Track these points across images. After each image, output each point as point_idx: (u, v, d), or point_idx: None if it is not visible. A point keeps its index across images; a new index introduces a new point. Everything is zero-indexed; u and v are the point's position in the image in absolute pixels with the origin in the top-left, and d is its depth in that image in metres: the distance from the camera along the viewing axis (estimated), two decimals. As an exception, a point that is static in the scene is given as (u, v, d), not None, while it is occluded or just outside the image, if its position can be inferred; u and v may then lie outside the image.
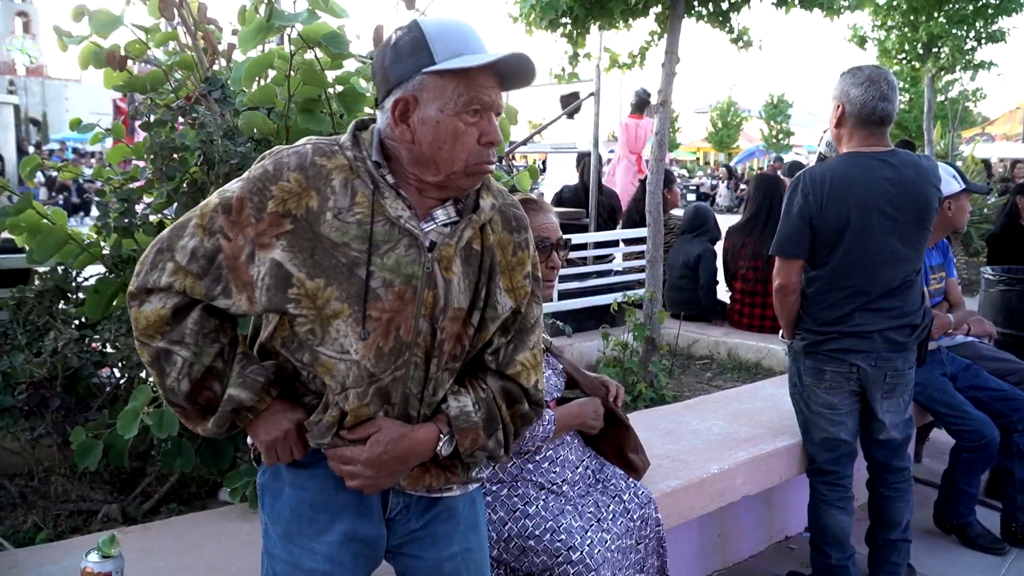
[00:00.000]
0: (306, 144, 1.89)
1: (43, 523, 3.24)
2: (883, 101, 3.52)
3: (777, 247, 3.70)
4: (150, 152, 3.15)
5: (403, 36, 1.84)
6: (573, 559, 2.62)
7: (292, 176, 1.82)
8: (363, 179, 1.85)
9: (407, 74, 1.83)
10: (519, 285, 2.05)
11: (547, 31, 6.07)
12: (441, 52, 1.80)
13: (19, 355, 3.29)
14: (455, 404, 1.99)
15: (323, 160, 1.85)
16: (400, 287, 1.86)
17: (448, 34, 1.82)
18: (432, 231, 1.92)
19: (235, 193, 1.83)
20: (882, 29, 12.61)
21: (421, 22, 1.84)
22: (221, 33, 3.60)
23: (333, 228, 1.83)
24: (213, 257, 1.84)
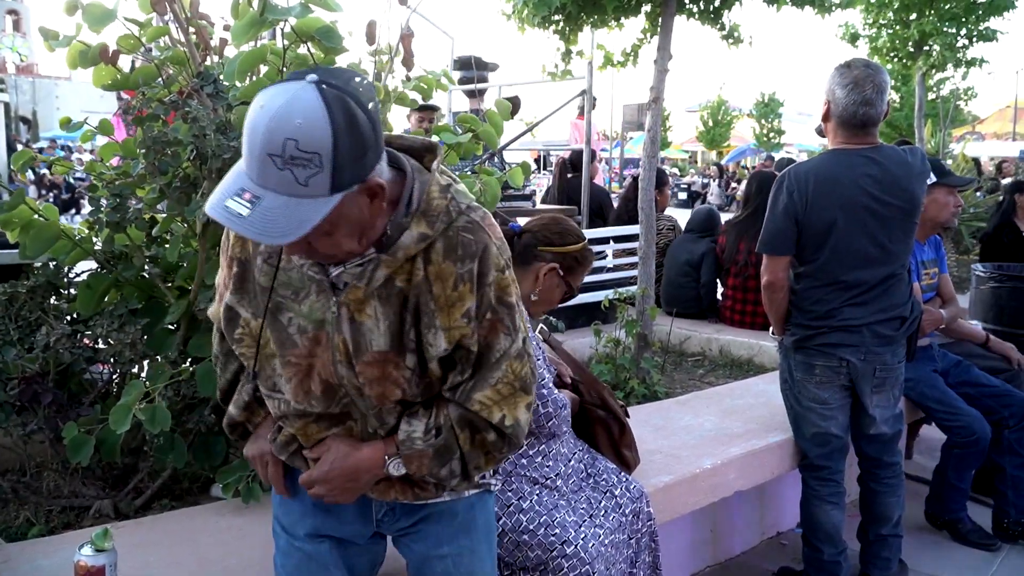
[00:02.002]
0: None
1: (35, 519, 3.23)
2: (865, 106, 3.51)
3: (763, 244, 3.72)
4: (142, 147, 3.14)
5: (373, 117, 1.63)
6: (567, 553, 2.62)
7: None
8: None
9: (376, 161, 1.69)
10: (455, 325, 1.87)
11: (540, 28, 6.07)
12: None
13: (11, 350, 3.28)
14: (405, 428, 1.94)
15: None
16: (313, 332, 1.87)
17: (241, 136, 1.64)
18: (343, 273, 1.83)
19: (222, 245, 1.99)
20: (873, 27, 12.64)
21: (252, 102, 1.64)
22: (213, 28, 3.59)
23: (262, 272, 1.88)
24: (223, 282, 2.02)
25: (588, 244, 3.08)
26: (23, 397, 3.20)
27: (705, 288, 7.17)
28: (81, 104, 34.10)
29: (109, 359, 3.40)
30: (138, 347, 3.25)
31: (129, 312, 3.34)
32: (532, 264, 2.93)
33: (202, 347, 3.21)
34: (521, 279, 2.91)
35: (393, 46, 3.84)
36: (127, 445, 3.30)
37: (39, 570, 2.59)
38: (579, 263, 3.01)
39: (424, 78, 3.86)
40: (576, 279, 3.03)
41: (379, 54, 3.86)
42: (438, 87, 3.93)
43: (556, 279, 2.96)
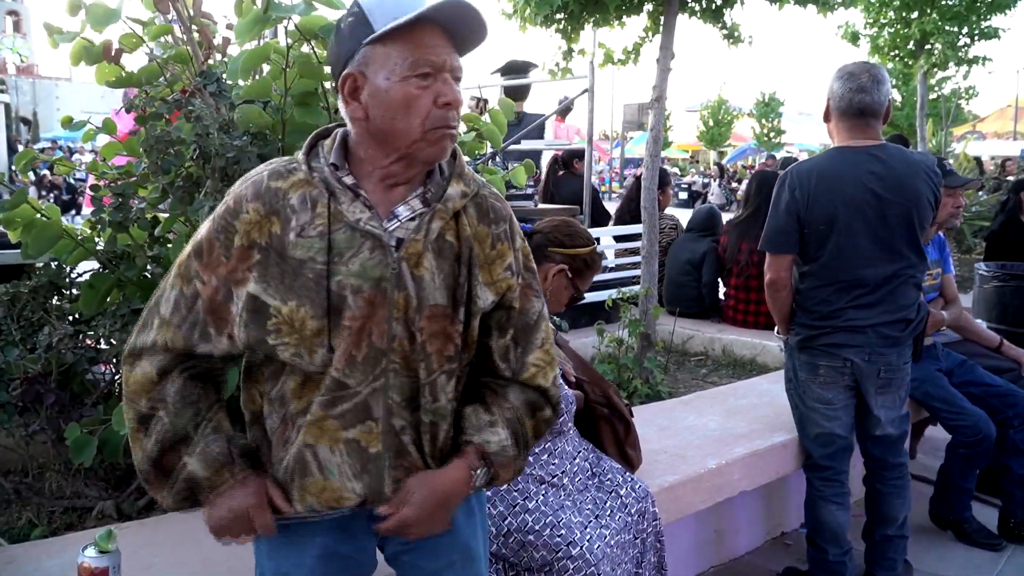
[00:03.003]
0: (263, 170, 1.84)
1: (38, 520, 3.22)
2: (860, 92, 3.53)
3: (765, 242, 3.71)
4: (145, 146, 3.14)
5: (345, 17, 1.79)
6: (573, 554, 2.61)
7: (251, 207, 1.78)
8: (319, 188, 1.79)
9: (351, 50, 1.76)
10: (499, 278, 1.95)
11: (541, 27, 6.06)
12: (379, 19, 1.71)
13: (13, 350, 3.28)
14: (494, 440, 1.95)
15: (278, 182, 1.80)
16: (369, 292, 1.80)
17: (384, 3, 1.73)
18: (397, 228, 1.83)
19: (203, 235, 1.82)
20: (875, 26, 12.63)
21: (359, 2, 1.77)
22: (216, 27, 3.58)
23: (298, 247, 1.78)
24: (192, 304, 1.82)
25: None
26: (25, 398, 3.19)
27: (707, 288, 7.17)
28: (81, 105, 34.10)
29: (112, 359, 3.40)
30: (141, 347, 3.23)
31: (132, 312, 3.33)
32: (542, 265, 2.93)
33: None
34: None
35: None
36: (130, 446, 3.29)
37: (43, 571, 2.58)
38: (588, 266, 3.02)
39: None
40: (584, 282, 3.04)
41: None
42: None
43: (564, 281, 2.96)
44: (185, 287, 1.83)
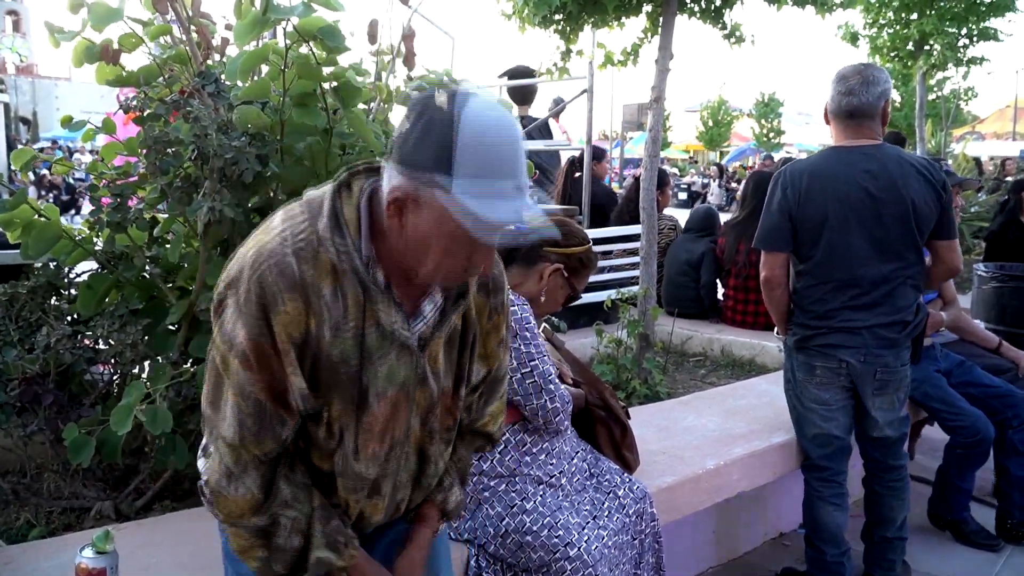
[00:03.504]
0: (284, 245, 1.69)
1: (36, 520, 3.22)
2: (848, 95, 3.58)
3: (759, 240, 3.74)
4: (144, 146, 3.14)
5: (437, 115, 1.57)
6: (570, 555, 2.61)
7: (289, 304, 1.66)
8: (351, 281, 1.70)
9: (419, 167, 1.59)
10: (491, 352, 2.01)
11: (540, 28, 6.06)
12: (462, 168, 1.54)
13: (11, 351, 3.27)
14: (452, 499, 2.12)
15: (310, 270, 1.68)
16: (393, 394, 1.82)
17: (480, 148, 1.55)
18: (421, 327, 1.83)
19: (244, 342, 1.68)
20: (874, 27, 12.63)
21: (462, 113, 1.56)
22: (215, 27, 3.58)
23: (334, 346, 1.72)
24: (260, 412, 1.73)
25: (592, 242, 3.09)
26: (24, 398, 3.19)
27: (705, 288, 7.16)
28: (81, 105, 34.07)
29: (110, 360, 3.40)
30: (139, 348, 3.24)
31: (130, 313, 3.34)
32: (537, 264, 2.94)
33: (203, 348, 3.19)
34: (525, 279, 2.93)
35: (395, 46, 3.83)
36: (128, 446, 3.29)
37: (40, 572, 2.58)
38: (583, 265, 3.01)
39: (426, 77, 3.85)
40: (580, 281, 3.03)
41: (381, 54, 3.86)
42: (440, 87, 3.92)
43: (560, 280, 2.96)
44: (242, 402, 1.72)
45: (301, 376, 1.72)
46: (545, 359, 2.80)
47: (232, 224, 3.00)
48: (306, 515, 1.83)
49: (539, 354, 2.78)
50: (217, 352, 1.74)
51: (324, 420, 1.80)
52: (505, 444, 2.82)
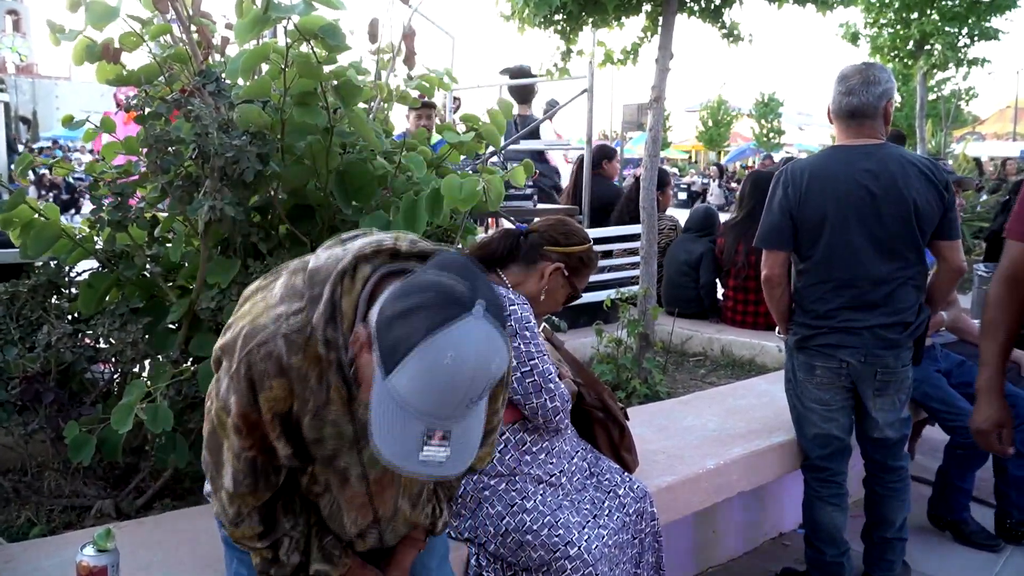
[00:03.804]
0: (278, 331, 1.74)
1: (36, 518, 3.22)
2: (847, 95, 3.59)
3: (760, 239, 3.74)
4: (145, 145, 3.14)
5: (416, 317, 1.52)
6: (571, 554, 2.61)
7: (274, 384, 1.74)
8: (336, 377, 1.76)
9: (379, 337, 1.56)
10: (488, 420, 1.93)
11: (540, 28, 6.06)
12: (396, 382, 1.51)
13: (12, 349, 3.28)
14: (440, 521, 2.24)
15: (297, 359, 1.73)
16: (376, 476, 1.94)
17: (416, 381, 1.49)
18: None
19: (235, 410, 1.78)
20: (874, 26, 12.64)
21: (424, 343, 1.49)
22: (215, 26, 3.58)
23: (312, 428, 1.82)
24: (253, 467, 1.86)
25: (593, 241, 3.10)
26: (24, 396, 3.19)
27: (705, 289, 7.16)
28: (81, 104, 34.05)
29: (110, 358, 3.40)
30: (139, 346, 3.24)
31: (131, 311, 3.34)
32: (538, 264, 2.94)
33: (204, 346, 3.21)
34: (526, 279, 2.93)
35: (395, 44, 3.83)
36: (128, 445, 3.29)
37: (41, 570, 2.58)
38: (584, 264, 3.02)
39: (426, 76, 3.85)
40: (581, 280, 3.04)
41: (381, 52, 3.86)
42: (440, 86, 3.93)
43: (561, 279, 2.97)
44: (238, 462, 1.85)
45: (285, 443, 1.83)
46: (545, 358, 2.81)
47: (233, 223, 3.00)
48: (304, 535, 2.01)
49: (539, 353, 2.78)
50: (215, 406, 1.85)
51: (309, 472, 1.94)
52: (505, 443, 2.82)
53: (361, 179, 3.33)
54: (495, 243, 2.99)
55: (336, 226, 3.35)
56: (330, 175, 3.27)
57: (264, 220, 3.40)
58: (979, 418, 2.61)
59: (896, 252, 3.53)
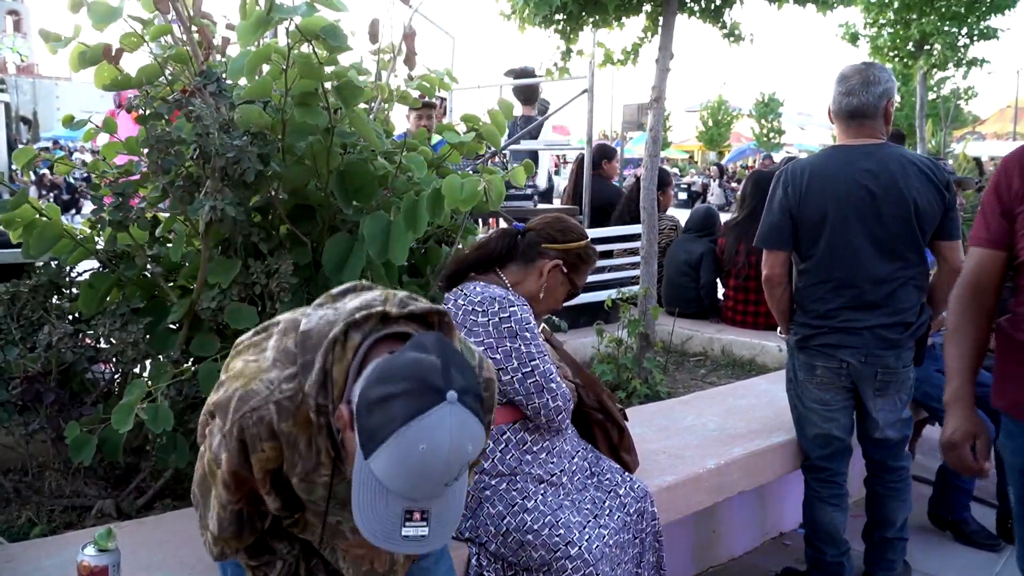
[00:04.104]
0: (269, 398, 1.80)
1: (37, 518, 3.22)
2: (848, 96, 3.60)
3: (760, 239, 3.74)
4: (146, 145, 3.14)
5: (392, 405, 1.57)
6: (571, 554, 2.62)
7: (266, 447, 1.81)
8: (325, 442, 1.83)
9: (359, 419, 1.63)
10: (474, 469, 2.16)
11: (540, 28, 6.06)
12: (375, 465, 1.57)
13: (13, 349, 3.28)
14: None
15: (288, 425, 1.80)
16: None
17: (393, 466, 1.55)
18: None
19: (225, 467, 1.84)
20: (874, 27, 12.64)
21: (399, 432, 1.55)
22: (216, 26, 3.58)
23: (301, 489, 1.89)
24: (239, 517, 1.95)
25: (593, 241, 3.10)
26: (25, 396, 3.19)
27: (705, 289, 7.15)
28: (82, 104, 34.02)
29: (111, 358, 3.40)
30: (140, 346, 3.24)
31: (131, 311, 3.34)
32: (536, 262, 2.95)
33: (204, 346, 3.21)
34: (525, 277, 2.94)
35: (395, 45, 3.84)
36: (129, 444, 3.29)
37: (42, 570, 2.58)
38: (582, 260, 3.02)
39: (427, 77, 3.86)
40: (580, 277, 3.04)
41: (382, 53, 3.86)
42: (441, 86, 3.93)
43: (560, 276, 2.97)
44: (223, 512, 1.93)
45: (275, 497, 1.91)
46: (546, 358, 2.81)
47: (233, 223, 3.00)
48: (296, 558, 2.08)
49: (540, 353, 2.79)
50: (207, 456, 1.92)
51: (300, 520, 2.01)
52: (506, 443, 2.82)
53: (362, 179, 3.33)
54: (493, 243, 3.00)
55: (336, 226, 3.36)
56: (331, 175, 3.27)
57: (265, 220, 3.40)
58: (948, 430, 2.56)
59: (896, 252, 3.52)
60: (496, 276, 2.95)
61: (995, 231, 2.47)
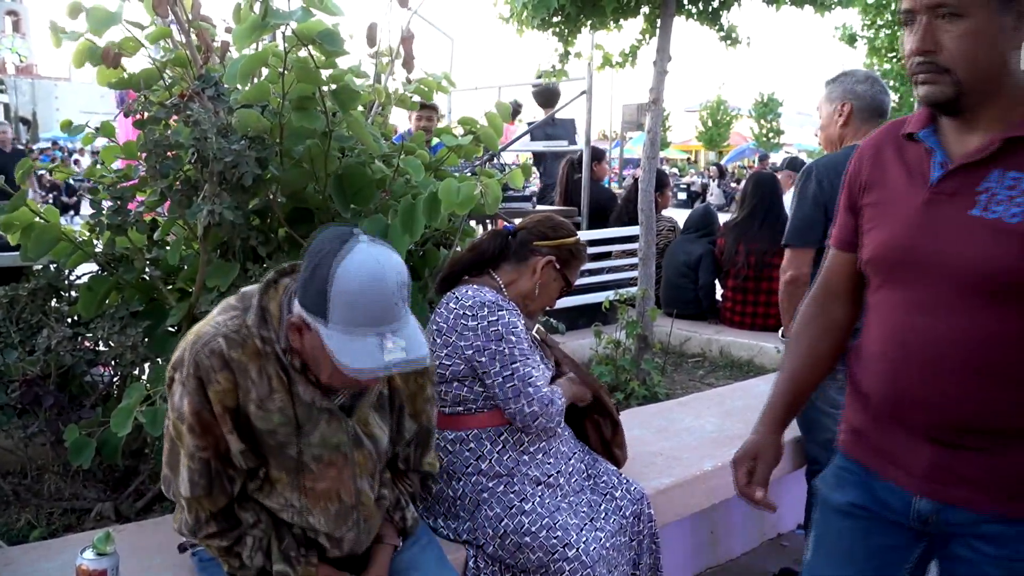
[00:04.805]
0: (217, 334, 2.02)
1: (36, 521, 3.23)
2: (884, 94, 3.63)
3: (792, 235, 3.63)
4: (144, 150, 3.14)
5: (322, 265, 1.86)
6: (569, 556, 2.63)
7: (220, 378, 1.99)
8: (275, 365, 2.04)
9: (307, 307, 1.90)
10: (420, 410, 2.38)
11: (538, 30, 6.07)
12: (333, 316, 1.84)
13: (12, 353, 3.28)
14: (409, 516, 2.44)
15: (237, 353, 2.00)
16: (329, 456, 2.13)
17: (347, 304, 1.83)
18: (340, 399, 2.14)
19: (187, 413, 2.00)
20: (872, 28, 12.66)
21: (339, 268, 1.84)
22: (215, 30, 3.59)
23: (259, 418, 2.04)
24: (207, 469, 2.05)
25: (590, 243, 3.11)
26: (24, 399, 3.20)
27: (704, 290, 7.15)
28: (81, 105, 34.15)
29: (110, 361, 3.41)
30: (139, 349, 3.25)
31: (130, 314, 3.35)
32: (529, 260, 2.97)
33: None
34: (519, 276, 2.96)
35: (394, 48, 3.84)
36: (128, 447, 3.30)
37: (41, 573, 2.59)
38: (574, 256, 3.04)
39: (425, 80, 3.86)
40: (572, 273, 3.06)
41: (380, 56, 3.87)
42: (439, 89, 3.94)
43: (553, 272, 2.99)
44: (192, 463, 2.04)
45: (237, 438, 2.04)
46: (528, 362, 2.81)
47: (232, 227, 3.02)
48: (267, 535, 2.16)
49: (522, 357, 2.79)
50: (170, 421, 2.07)
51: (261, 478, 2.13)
52: (503, 444, 2.83)
53: (359, 182, 3.34)
54: (485, 244, 3.03)
55: (334, 229, 3.36)
56: (328, 179, 3.28)
57: (263, 223, 3.41)
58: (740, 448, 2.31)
59: None
60: (490, 278, 2.96)
61: (842, 228, 2.14)
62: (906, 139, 1.91)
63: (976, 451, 1.76)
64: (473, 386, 2.82)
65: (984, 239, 1.71)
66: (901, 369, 1.84)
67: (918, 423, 1.82)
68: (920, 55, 1.77)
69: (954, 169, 1.77)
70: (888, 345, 1.87)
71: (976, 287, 1.72)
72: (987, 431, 1.75)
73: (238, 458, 2.06)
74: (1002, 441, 1.74)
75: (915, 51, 1.79)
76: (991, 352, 1.72)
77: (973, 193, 1.74)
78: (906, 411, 1.85)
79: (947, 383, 1.75)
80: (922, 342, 1.79)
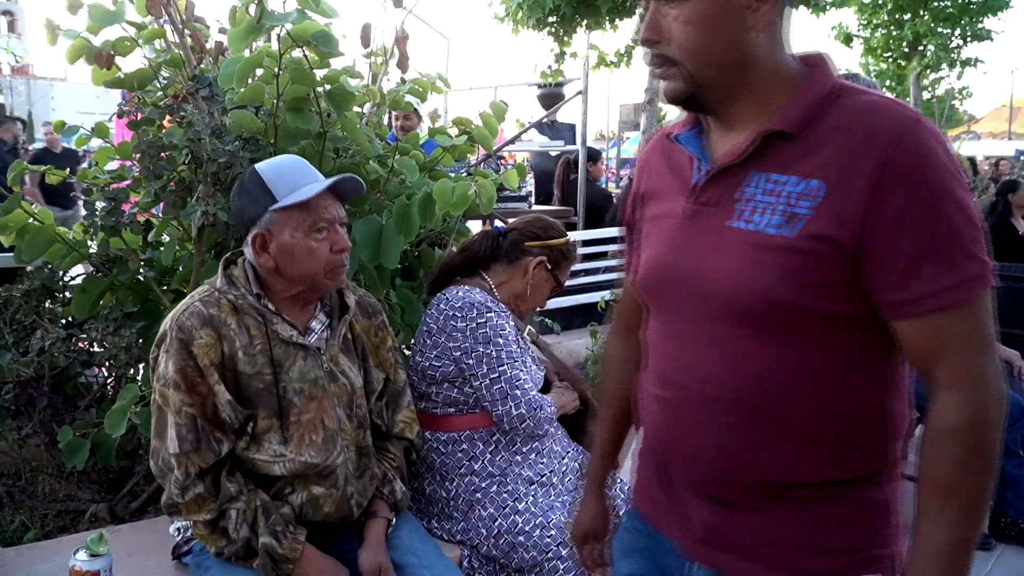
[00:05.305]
0: (193, 301, 2.26)
1: (31, 523, 3.23)
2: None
3: None
4: (138, 151, 3.14)
5: (248, 183, 2.29)
6: (563, 555, 2.63)
7: (203, 333, 2.20)
8: (250, 314, 2.26)
9: (257, 215, 2.25)
10: (384, 359, 2.58)
11: (534, 30, 6.08)
12: (280, 190, 2.23)
13: (6, 354, 3.28)
14: (398, 489, 2.53)
15: (215, 310, 2.24)
16: (309, 391, 2.30)
17: (283, 173, 2.28)
18: (315, 339, 2.36)
19: (171, 370, 2.18)
20: (868, 28, 12.67)
21: (259, 168, 2.30)
22: (209, 31, 3.58)
23: (245, 363, 2.24)
24: (193, 425, 2.17)
25: (586, 243, 3.11)
26: (18, 401, 3.20)
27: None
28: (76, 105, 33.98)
29: (104, 362, 3.41)
30: (133, 350, 3.25)
31: (124, 315, 3.34)
32: (520, 260, 2.98)
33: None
34: (510, 277, 2.98)
35: (388, 48, 3.84)
36: (122, 448, 3.30)
37: (35, 574, 2.59)
38: (565, 256, 3.06)
39: (419, 80, 3.86)
40: (563, 273, 3.09)
41: (374, 56, 3.86)
42: (433, 89, 3.94)
43: (544, 272, 3.01)
44: (180, 419, 2.17)
45: (225, 388, 2.20)
46: (516, 364, 2.80)
47: (226, 227, 3.01)
48: (252, 508, 2.21)
49: (510, 360, 2.79)
50: (156, 392, 2.22)
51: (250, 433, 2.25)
52: (496, 444, 2.84)
53: (354, 183, 3.33)
54: (476, 245, 3.05)
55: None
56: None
57: (257, 224, 3.40)
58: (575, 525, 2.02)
59: None
60: (481, 279, 2.97)
61: (627, 249, 1.83)
62: (673, 142, 1.61)
63: (750, 511, 1.50)
64: (464, 387, 2.82)
65: (743, 255, 1.42)
66: (672, 414, 1.56)
67: (689, 477, 1.56)
68: (645, 45, 1.47)
69: (715, 174, 1.49)
70: (660, 385, 1.59)
71: (739, 315, 1.43)
72: (764, 487, 1.47)
73: (227, 410, 2.20)
74: (779, 499, 1.47)
75: (640, 40, 1.48)
76: (765, 395, 1.43)
77: (732, 201, 1.46)
78: (678, 462, 1.58)
79: (720, 430, 1.47)
80: (693, 380, 1.51)
